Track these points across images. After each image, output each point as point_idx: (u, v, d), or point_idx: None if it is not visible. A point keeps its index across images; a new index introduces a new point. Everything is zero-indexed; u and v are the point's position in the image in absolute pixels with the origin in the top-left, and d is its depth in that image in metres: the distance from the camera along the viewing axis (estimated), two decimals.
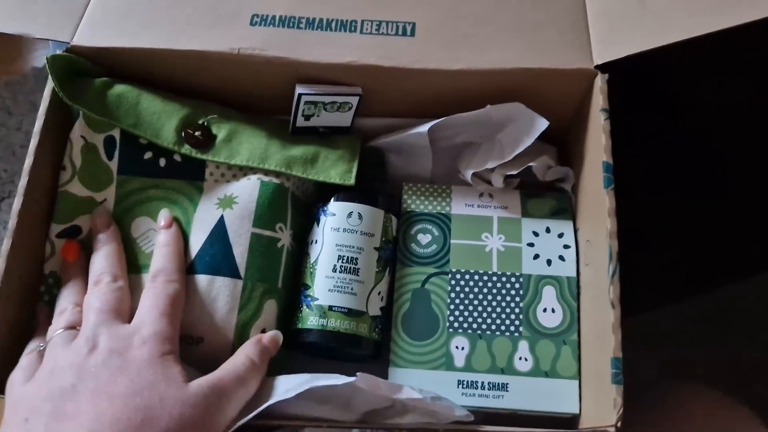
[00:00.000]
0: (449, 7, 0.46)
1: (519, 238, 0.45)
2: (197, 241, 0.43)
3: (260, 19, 0.45)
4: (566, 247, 0.44)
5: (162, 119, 0.45)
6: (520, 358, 0.42)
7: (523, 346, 0.42)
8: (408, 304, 0.43)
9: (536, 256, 0.44)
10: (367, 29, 0.45)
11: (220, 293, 0.42)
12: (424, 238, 0.45)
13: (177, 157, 0.45)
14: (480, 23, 0.45)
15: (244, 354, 0.39)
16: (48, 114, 0.43)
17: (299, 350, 0.45)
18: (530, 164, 0.46)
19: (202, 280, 0.42)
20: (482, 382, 0.41)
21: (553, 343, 0.42)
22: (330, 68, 0.44)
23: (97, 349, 0.36)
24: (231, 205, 0.44)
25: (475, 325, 0.42)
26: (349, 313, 0.43)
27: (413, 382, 0.40)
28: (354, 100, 0.46)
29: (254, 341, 0.40)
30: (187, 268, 0.42)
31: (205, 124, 0.45)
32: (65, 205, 0.44)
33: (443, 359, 0.42)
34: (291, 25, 0.45)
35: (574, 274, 0.44)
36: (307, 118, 0.46)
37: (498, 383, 0.41)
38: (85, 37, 0.45)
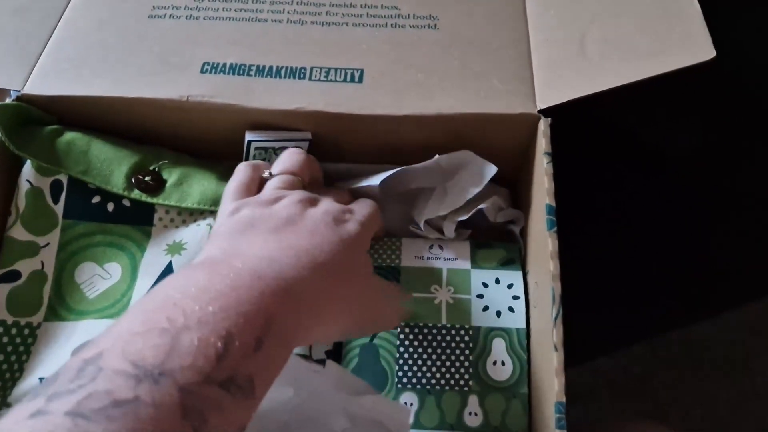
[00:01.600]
0: (397, 55, 0.47)
1: (468, 289, 0.44)
2: (144, 285, 0.43)
3: (211, 67, 0.46)
4: (515, 298, 0.44)
5: (112, 165, 0.45)
6: (470, 413, 0.40)
7: (473, 401, 0.40)
8: (356, 360, 0.42)
9: (485, 308, 0.43)
10: (316, 76, 0.46)
11: None
12: None
13: (126, 202, 0.45)
14: (426, 71, 0.46)
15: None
16: None
17: None
18: (481, 206, 0.46)
19: None
20: None
21: (503, 397, 0.41)
22: (279, 114, 0.45)
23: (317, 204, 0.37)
24: (180, 251, 0.44)
25: (424, 380, 0.41)
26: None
27: None
28: (304, 146, 0.46)
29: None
30: None
31: (156, 169, 0.46)
32: (7, 250, 0.43)
33: None
34: (241, 72, 0.46)
35: (524, 326, 0.43)
36: None
37: None
38: (36, 86, 0.45)
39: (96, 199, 0.45)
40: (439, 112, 0.44)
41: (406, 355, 0.41)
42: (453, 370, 0.41)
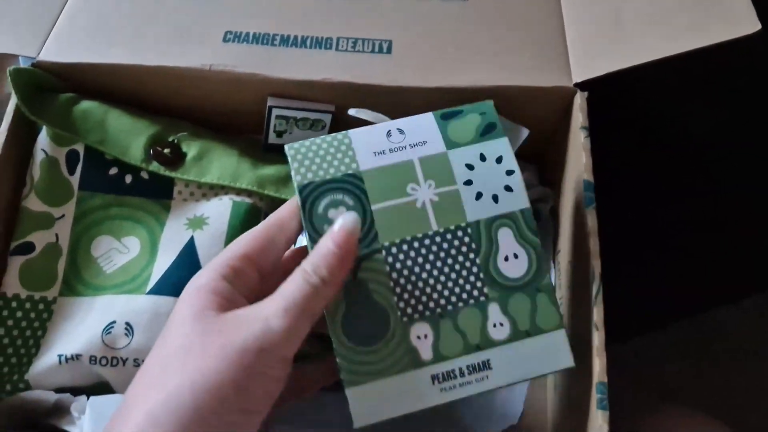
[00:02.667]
0: (426, 28, 0.45)
1: (452, 177, 0.35)
2: (165, 262, 0.41)
3: (233, 36, 0.44)
4: (509, 173, 0.36)
5: (130, 136, 0.43)
6: (495, 325, 0.34)
7: (494, 310, 0.34)
8: (343, 305, 0.33)
9: (479, 195, 0.35)
10: (342, 47, 0.44)
11: None
12: (337, 214, 0.34)
13: (144, 175, 0.43)
14: (457, 44, 0.44)
15: (300, 269, 0.31)
16: (11, 130, 0.42)
17: None
18: None
19: (169, 303, 0.40)
20: (460, 369, 0.33)
21: (526, 295, 0.34)
22: (303, 85, 0.43)
23: None
24: (201, 226, 0.42)
25: (432, 304, 0.34)
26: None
27: (380, 399, 0.32)
28: (327, 119, 0.45)
29: (317, 249, 0.31)
30: (152, 289, 0.40)
31: (175, 141, 0.44)
32: (21, 221, 0.42)
33: (407, 357, 0.33)
34: (265, 42, 0.44)
35: (528, 204, 0.35)
36: (279, 134, 0.45)
37: (478, 363, 0.33)
38: (52, 53, 0.44)
39: (113, 171, 0.43)
40: (469, 84, 0.43)
41: (402, 281, 0.34)
42: (461, 281, 0.34)
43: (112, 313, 0.39)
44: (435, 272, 0.34)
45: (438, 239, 0.35)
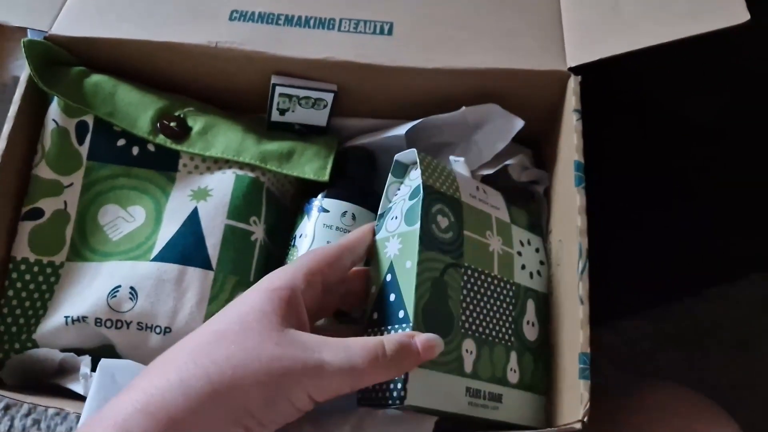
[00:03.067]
0: (427, 10, 0.46)
1: (511, 243, 0.43)
2: (169, 230, 0.43)
3: (240, 15, 0.46)
4: (542, 263, 0.44)
5: (138, 110, 0.45)
6: (512, 370, 0.39)
7: (513, 357, 0.40)
8: (428, 295, 0.36)
9: (523, 267, 0.43)
10: (345, 27, 0.45)
11: (190, 284, 0.41)
12: (443, 221, 0.39)
13: (151, 147, 0.45)
14: (457, 27, 0.46)
15: (379, 340, 0.32)
16: (23, 100, 0.43)
17: None
18: (507, 162, 0.46)
19: (172, 269, 0.41)
20: (484, 392, 0.38)
21: (532, 357, 0.41)
22: (306, 64, 0.44)
23: None
24: (205, 197, 0.44)
25: (480, 329, 0.38)
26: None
27: (429, 388, 0.35)
28: (329, 97, 0.46)
29: (404, 335, 0.34)
30: (156, 256, 0.42)
31: (182, 116, 0.45)
32: (32, 188, 0.43)
33: (456, 363, 0.36)
34: (270, 21, 0.46)
35: (546, 291, 0.43)
36: (282, 112, 0.46)
37: (495, 394, 0.38)
38: (64, 27, 0.45)
39: (121, 143, 0.45)
40: (468, 66, 0.44)
41: (468, 299, 0.38)
42: (501, 322, 0.40)
43: (117, 278, 0.41)
44: (488, 305, 0.39)
45: (495, 282, 0.40)
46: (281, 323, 0.31)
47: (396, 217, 0.39)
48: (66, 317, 0.40)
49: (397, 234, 0.38)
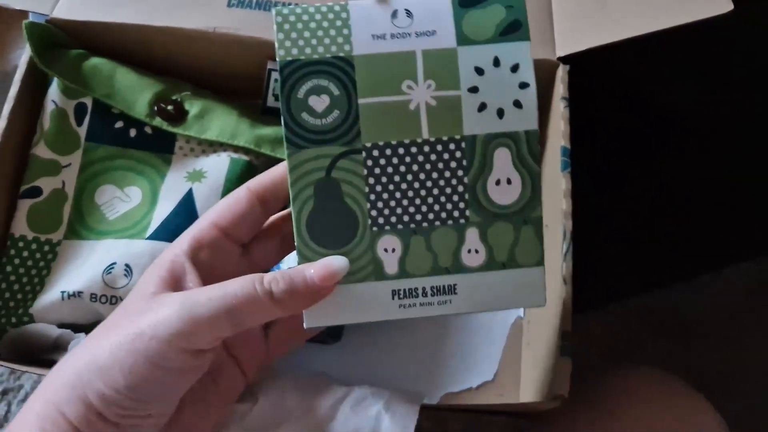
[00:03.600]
0: None
1: (456, 81, 0.31)
2: (163, 211, 0.44)
3: (238, 2, 0.47)
4: (523, 85, 0.32)
5: (136, 92, 0.45)
6: (470, 251, 0.32)
7: (472, 235, 0.31)
8: (312, 202, 0.31)
9: (482, 107, 0.31)
10: None
11: None
12: (319, 103, 0.31)
13: (148, 129, 0.46)
14: None
15: (260, 276, 0.29)
16: (24, 81, 0.44)
17: None
18: None
19: (165, 247, 0.42)
20: (423, 288, 0.31)
21: (510, 225, 0.32)
22: None
23: None
24: (200, 179, 0.45)
25: (406, 218, 0.31)
26: None
27: (335, 305, 0.31)
28: None
29: (292, 271, 0.30)
30: (151, 235, 0.43)
31: (179, 99, 0.46)
32: (31, 167, 0.44)
33: (370, 267, 0.31)
34: (267, 8, 0.47)
35: (536, 126, 0.32)
36: (277, 98, 0.47)
37: (443, 286, 0.31)
38: (65, 11, 0.46)
39: (119, 124, 0.46)
40: None
41: (378, 188, 0.31)
42: (443, 198, 0.31)
43: (113, 255, 0.42)
44: (416, 184, 0.31)
45: (426, 149, 0.31)
46: (155, 292, 0.30)
47: None
48: (62, 292, 0.41)
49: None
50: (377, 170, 0.31)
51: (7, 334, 0.42)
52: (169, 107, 0.46)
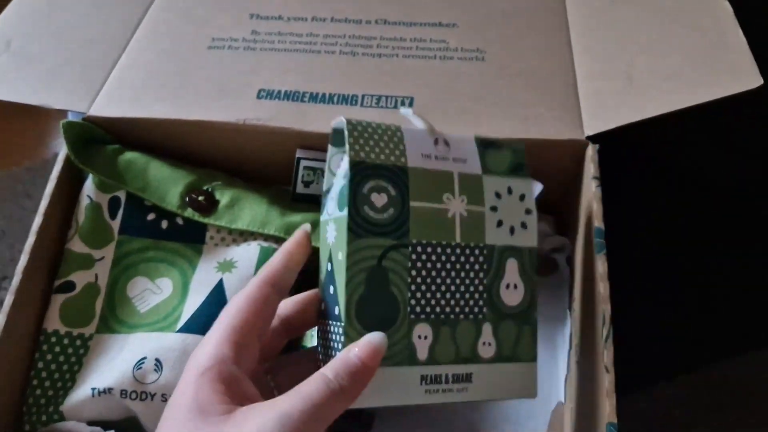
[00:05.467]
0: (446, 85, 0.48)
1: (482, 200, 0.37)
2: (195, 302, 0.44)
3: (266, 94, 0.48)
4: (528, 212, 0.38)
5: (168, 184, 0.46)
6: (484, 344, 0.36)
7: (487, 330, 0.36)
8: (363, 287, 0.33)
9: (500, 223, 0.37)
10: (367, 103, 0.47)
11: None
12: (379, 200, 0.34)
13: (179, 220, 0.46)
14: (475, 99, 0.47)
15: (321, 373, 0.30)
16: (60, 177, 0.46)
17: None
18: None
19: (197, 340, 0.42)
20: (446, 376, 0.34)
21: (514, 324, 0.37)
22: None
23: None
24: (230, 269, 0.45)
25: (438, 309, 0.35)
26: None
27: (372, 386, 0.32)
28: None
29: (342, 356, 0.31)
30: (182, 327, 0.42)
31: (209, 190, 0.47)
32: (65, 262, 0.45)
33: (405, 352, 0.33)
34: (296, 98, 0.48)
35: (535, 245, 0.38)
36: (306, 184, 0.48)
37: (462, 374, 0.35)
38: (101, 108, 0.48)
39: (151, 216, 0.46)
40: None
41: (419, 280, 0.34)
42: (467, 296, 0.36)
43: (143, 350, 0.42)
44: (448, 280, 0.35)
45: (458, 251, 0.36)
46: (224, 408, 0.29)
47: (334, 198, 0.36)
48: (93, 389, 0.41)
49: (333, 219, 0.35)
50: (419, 264, 0.35)
51: None
52: (201, 197, 0.46)
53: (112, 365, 0.42)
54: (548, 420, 0.45)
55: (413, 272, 0.34)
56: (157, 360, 0.41)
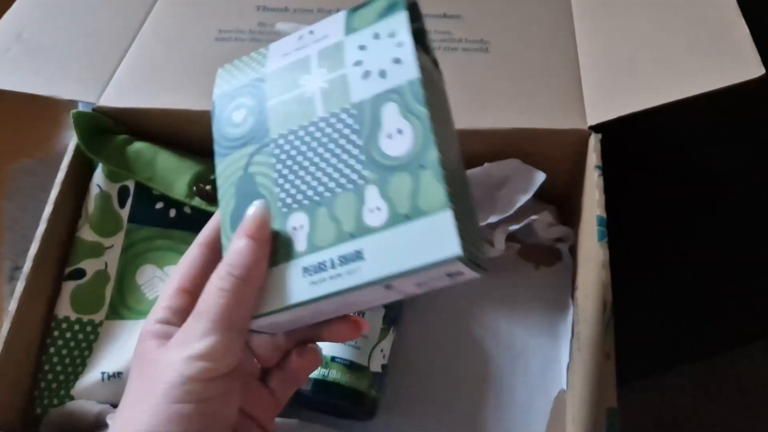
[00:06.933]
0: (449, 75, 0.48)
1: (342, 61, 0.33)
2: None
3: None
4: (400, 45, 0.32)
5: (176, 174, 0.47)
6: (371, 210, 0.30)
7: (372, 193, 0.30)
8: (234, 200, 0.32)
9: (366, 74, 0.32)
10: None
11: None
12: (237, 115, 0.34)
13: (187, 209, 0.47)
14: (479, 90, 0.47)
15: (216, 272, 0.30)
16: (70, 167, 0.46)
17: (294, 399, 0.45)
18: (533, 217, 0.47)
19: None
20: (331, 260, 0.30)
21: (408, 174, 0.30)
22: None
23: None
24: None
25: (310, 193, 0.31)
26: (351, 366, 0.43)
27: (261, 295, 0.30)
28: None
29: (233, 240, 0.30)
30: None
31: None
32: (75, 250, 0.46)
33: (282, 249, 0.31)
34: None
35: (417, 75, 0.31)
36: None
37: (349, 254, 0.30)
38: (110, 99, 0.48)
39: (159, 206, 0.47)
40: (490, 126, 0.45)
41: (285, 171, 0.32)
42: (341, 166, 0.31)
43: None
44: (317, 159, 0.32)
45: (322, 125, 0.32)
46: (155, 353, 0.29)
47: None
48: (103, 373, 0.42)
49: None
50: (284, 156, 0.33)
51: (49, 415, 0.42)
52: (208, 187, 0.47)
53: (122, 350, 0.43)
54: (550, 407, 0.46)
55: (278, 166, 0.32)
56: None
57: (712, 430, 0.71)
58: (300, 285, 0.30)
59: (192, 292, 0.32)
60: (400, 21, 0.33)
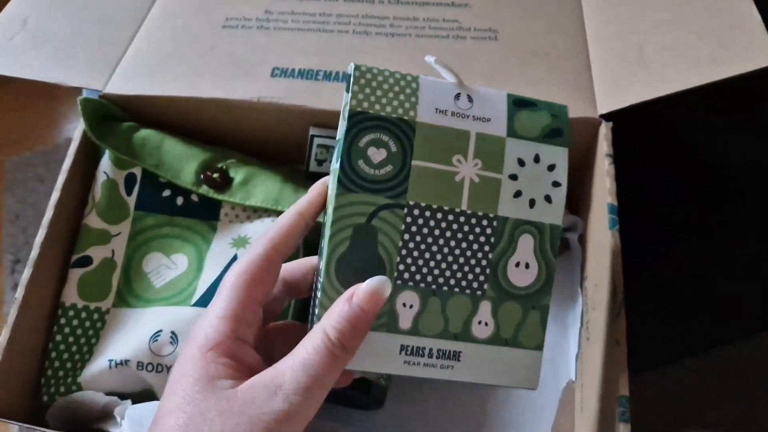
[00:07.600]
0: (458, 64, 0.48)
1: (500, 165, 0.33)
2: (209, 276, 0.44)
3: (280, 72, 0.48)
4: (556, 184, 0.34)
5: (183, 162, 0.47)
6: (480, 323, 0.33)
7: (485, 308, 0.33)
8: (347, 244, 0.32)
9: (518, 194, 0.34)
10: None
11: None
12: (377, 155, 0.32)
13: (194, 197, 0.47)
14: (487, 78, 0.47)
15: (321, 329, 0.30)
16: (77, 154, 0.46)
17: None
18: None
19: None
20: (430, 349, 0.32)
21: (520, 306, 0.33)
22: None
23: None
24: (244, 245, 0.45)
25: (429, 279, 0.32)
26: None
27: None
28: None
29: (341, 303, 0.30)
30: (197, 302, 0.43)
31: (224, 167, 0.47)
32: (82, 237, 0.45)
33: (385, 318, 0.32)
34: (309, 77, 0.48)
35: (560, 222, 0.34)
36: (320, 163, 0.48)
37: (449, 351, 0.33)
38: (117, 86, 0.48)
39: (166, 193, 0.47)
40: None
41: (411, 245, 0.32)
42: (466, 269, 0.33)
43: (159, 323, 0.42)
44: (446, 249, 0.33)
45: (462, 219, 0.33)
46: (230, 383, 0.29)
47: (336, 148, 0.34)
48: (110, 361, 0.42)
49: (332, 170, 0.33)
50: (414, 228, 0.33)
51: (56, 403, 0.42)
52: (215, 175, 0.47)
53: (129, 338, 0.42)
54: (559, 398, 0.46)
55: (406, 235, 0.32)
56: (173, 333, 0.42)
57: (714, 422, 0.70)
58: (395, 359, 0.32)
59: (261, 302, 0.32)
60: (562, 157, 0.34)
